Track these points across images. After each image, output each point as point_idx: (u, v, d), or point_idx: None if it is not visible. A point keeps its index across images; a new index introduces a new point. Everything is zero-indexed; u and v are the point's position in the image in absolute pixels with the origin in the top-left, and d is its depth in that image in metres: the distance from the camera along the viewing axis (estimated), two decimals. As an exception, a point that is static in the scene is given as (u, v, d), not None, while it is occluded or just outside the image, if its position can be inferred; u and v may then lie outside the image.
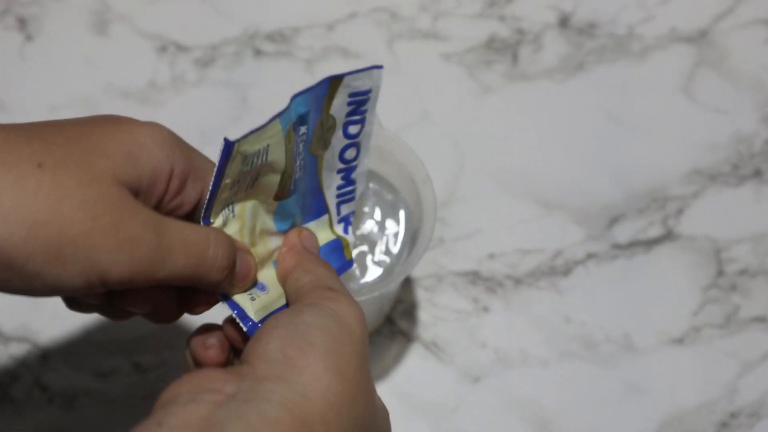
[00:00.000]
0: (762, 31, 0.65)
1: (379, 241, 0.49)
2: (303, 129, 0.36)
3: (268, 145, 0.33)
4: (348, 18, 0.65)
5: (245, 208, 0.35)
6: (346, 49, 0.64)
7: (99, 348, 0.54)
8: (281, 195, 0.36)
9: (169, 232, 0.32)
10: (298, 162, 0.36)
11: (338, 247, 0.40)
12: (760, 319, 0.56)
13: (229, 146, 0.32)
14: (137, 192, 0.32)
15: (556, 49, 0.64)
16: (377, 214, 0.50)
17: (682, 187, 0.60)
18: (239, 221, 0.35)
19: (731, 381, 0.54)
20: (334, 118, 0.38)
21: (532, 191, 0.59)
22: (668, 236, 0.58)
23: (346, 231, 0.41)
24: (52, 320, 0.55)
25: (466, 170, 0.60)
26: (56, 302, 0.55)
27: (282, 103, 0.38)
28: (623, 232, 0.58)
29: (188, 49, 0.63)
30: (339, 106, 0.37)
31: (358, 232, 0.49)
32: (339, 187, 0.40)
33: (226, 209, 0.34)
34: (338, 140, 0.39)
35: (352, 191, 0.41)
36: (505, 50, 0.64)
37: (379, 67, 0.38)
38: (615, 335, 0.55)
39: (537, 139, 0.62)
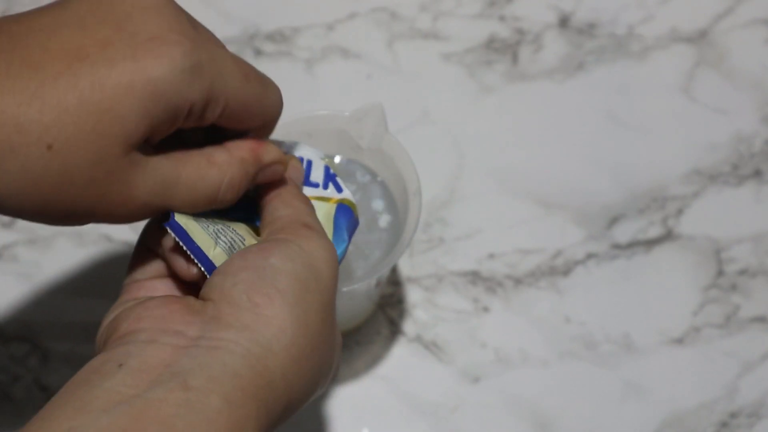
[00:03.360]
0: (762, 31, 0.65)
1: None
2: None
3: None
4: (348, 18, 0.65)
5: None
6: (346, 49, 0.64)
7: (99, 348, 0.54)
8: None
9: (176, 184, 0.32)
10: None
11: (345, 209, 0.39)
12: (760, 319, 0.56)
13: (171, 225, 0.32)
14: (152, 135, 0.31)
15: (556, 49, 0.64)
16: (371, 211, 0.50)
17: (682, 187, 0.60)
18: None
19: (731, 381, 0.54)
20: None
21: (532, 191, 0.59)
22: (668, 236, 0.58)
23: (339, 189, 0.40)
24: (52, 320, 0.55)
25: (466, 170, 0.60)
26: (56, 302, 0.55)
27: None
28: (623, 232, 0.58)
29: (188, 49, 0.63)
30: None
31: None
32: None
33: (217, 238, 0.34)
34: None
35: (300, 161, 0.40)
36: (505, 50, 0.64)
37: None
38: (615, 335, 0.55)
39: (537, 139, 0.62)
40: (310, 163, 0.40)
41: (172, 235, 0.32)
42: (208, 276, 0.33)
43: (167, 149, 0.32)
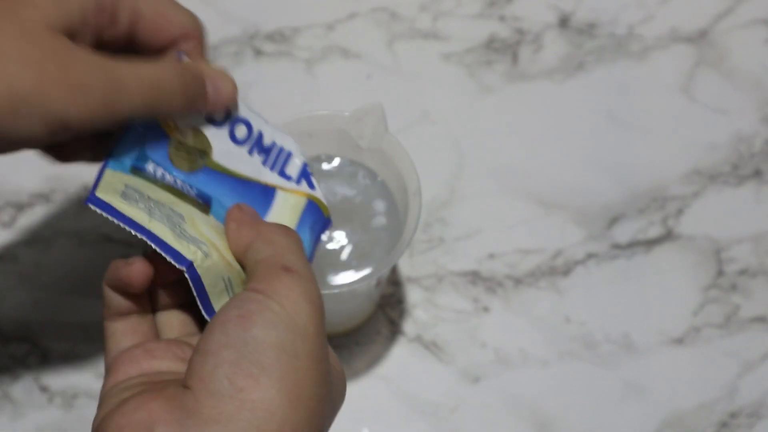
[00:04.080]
0: (762, 31, 0.65)
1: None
2: (149, 167, 0.37)
3: (125, 185, 0.34)
4: (348, 18, 0.65)
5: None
6: (346, 49, 0.64)
7: (99, 348, 0.54)
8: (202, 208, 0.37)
9: (118, 68, 0.32)
10: (178, 185, 0.37)
11: (315, 208, 0.39)
12: (760, 319, 0.56)
13: (92, 200, 0.33)
14: (72, 35, 0.32)
15: (556, 49, 0.64)
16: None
17: (682, 187, 0.60)
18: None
19: (731, 381, 0.54)
20: (192, 128, 0.38)
21: (532, 191, 0.59)
22: (668, 236, 0.58)
23: (312, 186, 0.40)
24: (52, 320, 0.55)
25: (466, 170, 0.60)
26: (56, 302, 0.55)
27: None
28: (623, 232, 0.58)
29: (188, 49, 0.63)
30: (181, 118, 0.37)
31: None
32: (264, 162, 0.39)
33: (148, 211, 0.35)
34: (217, 135, 0.38)
35: (280, 152, 0.40)
36: (505, 50, 0.64)
37: (180, 53, 0.38)
38: (615, 335, 0.55)
39: (537, 139, 0.62)
40: (289, 155, 0.40)
41: (98, 211, 0.33)
42: (158, 250, 0.33)
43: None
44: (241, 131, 0.39)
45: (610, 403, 0.53)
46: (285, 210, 0.39)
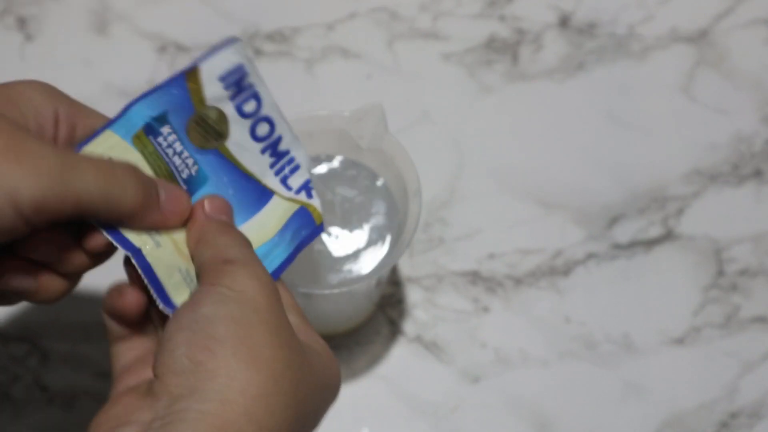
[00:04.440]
0: (762, 31, 0.65)
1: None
2: (166, 130, 0.36)
3: (110, 158, 0.34)
4: (348, 18, 0.65)
5: None
6: (346, 49, 0.64)
7: (99, 348, 0.54)
8: None
9: (73, 153, 0.32)
10: (178, 162, 0.36)
11: (305, 214, 0.39)
12: (760, 319, 0.56)
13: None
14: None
15: (556, 49, 0.64)
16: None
17: (682, 187, 0.60)
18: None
19: (731, 381, 0.54)
20: (217, 109, 0.37)
21: (532, 191, 0.59)
22: (668, 236, 0.58)
23: (310, 196, 0.40)
24: (52, 320, 0.55)
25: (466, 170, 0.60)
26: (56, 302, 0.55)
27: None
28: (623, 232, 0.58)
29: (188, 49, 0.63)
30: (215, 95, 0.37)
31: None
32: (272, 165, 0.39)
33: None
34: (239, 124, 0.38)
35: (291, 161, 0.40)
36: (505, 50, 0.64)
37: (235, 39, 0.37)
38: (615, 335, 0.55)
39: (537, 139, 0.62)
40: (297, 167, 0.40)
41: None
42: (105, 234, 0.33)
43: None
44: (263, 129, 0.39)
45: (610, 403, 0.53)
46: (273, 215, 0.39)
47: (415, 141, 0.49)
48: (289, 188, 0.40)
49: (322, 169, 0.50)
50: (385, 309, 0.56)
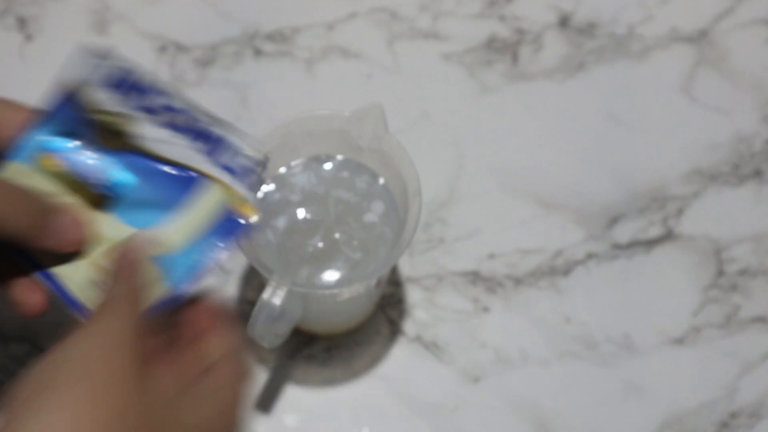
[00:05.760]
0: (762, 31, 0.65)
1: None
2: (70, 144, 0.37)
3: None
4: (348, 18, 0.65)
5: None
6: (346, 49, 0.64)
7: (99, 348, 0.54)
8: (102, 204, 0.38)
9: None
10: (95, 171, 0.37)
11: (231, 212, 0.38)
12: (760, 319, 0.56)
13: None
14: None
15: (556, 49, 0.64)
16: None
17: (682, 187, 0.60)
18: None
19: (731, 381, 0.54)
20: (116, 112, 0.38)
21: (532, 191, 0.59)
22: (668, 236, 0.58)
23: (249, 186, 0.39)
24: (52, 320, 0.55)
25: (466, 170, 0.60)
26: (56, 302, 0.55)
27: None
28: (623, 232, 0.58)
29: (188, 49, 0.63)
30: (108, 99, 0.38)
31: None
32: (209, 153, 0.39)
33: None
34: (148, 119, 0.38)
35: (226, 147, 0.39)
36: (505, 50, 0.64)
37: (107, 50, 0.38)
38: (615, 335, 0.55)
39: (537, 139, 0.62)
40: (235, 153, 0.39)
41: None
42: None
43: None
44: (179, 119, 0.39)
45: (610, 403, 0.53)
46: (201, 204, 0.38)
47: (415, 141, 0.49)
48: (232, 171, 0.39)
49: (321, 169, 0.50)
50: (385, 309, 0.56)
